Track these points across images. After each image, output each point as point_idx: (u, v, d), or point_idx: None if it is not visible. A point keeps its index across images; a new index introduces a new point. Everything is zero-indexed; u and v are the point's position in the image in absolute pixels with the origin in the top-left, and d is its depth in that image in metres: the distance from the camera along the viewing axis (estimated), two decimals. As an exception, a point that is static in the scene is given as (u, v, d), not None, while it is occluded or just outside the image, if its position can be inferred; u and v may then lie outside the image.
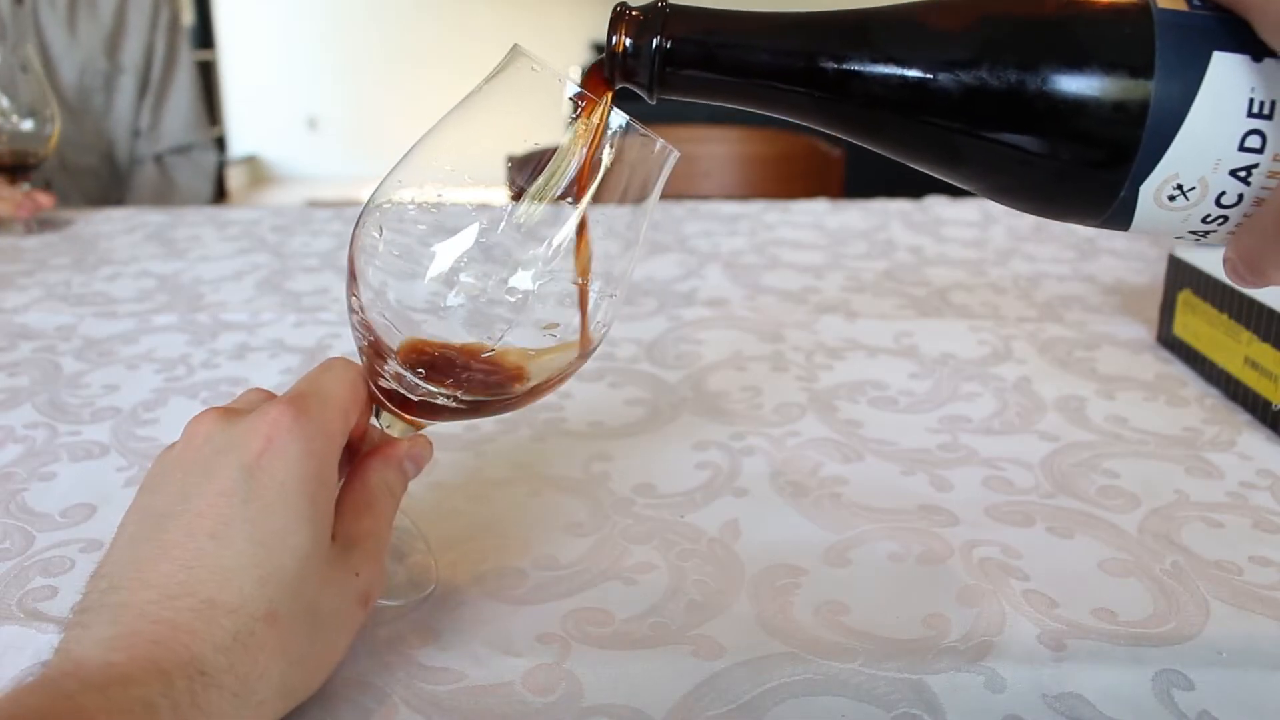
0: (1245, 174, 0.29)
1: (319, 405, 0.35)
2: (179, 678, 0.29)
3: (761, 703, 0.34)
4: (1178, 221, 0.31)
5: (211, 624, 0.30)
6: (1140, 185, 0.30)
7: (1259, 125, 0.29)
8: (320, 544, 0.33)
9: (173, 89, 1.46)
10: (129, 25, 1.39)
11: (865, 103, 0.31)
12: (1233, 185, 0.30)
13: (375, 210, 0.36)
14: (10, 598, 0.40)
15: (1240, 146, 0.29)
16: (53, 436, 0.55)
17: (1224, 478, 0.51)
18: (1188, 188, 0.30)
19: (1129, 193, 0.30)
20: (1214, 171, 0.30)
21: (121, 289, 0.83)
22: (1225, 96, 0.29)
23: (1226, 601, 0.40)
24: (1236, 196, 0.30)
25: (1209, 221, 0.31)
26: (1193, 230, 0.32)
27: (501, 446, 0.54)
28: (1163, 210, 0.31)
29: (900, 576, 0.42)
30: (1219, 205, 0.30)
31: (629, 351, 0.68)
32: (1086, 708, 0.34)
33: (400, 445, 0.39)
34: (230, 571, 0.31)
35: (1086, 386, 0.62)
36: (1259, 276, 0.31)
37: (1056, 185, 0.32)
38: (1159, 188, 0.30)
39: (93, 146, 1.39)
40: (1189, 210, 0.31)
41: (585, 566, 0.43)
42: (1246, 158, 0.29)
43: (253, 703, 0.30)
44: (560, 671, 0.36)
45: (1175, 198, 0.30)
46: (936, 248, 0.96)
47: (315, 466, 0.33)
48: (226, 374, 0.64)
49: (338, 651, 0.34)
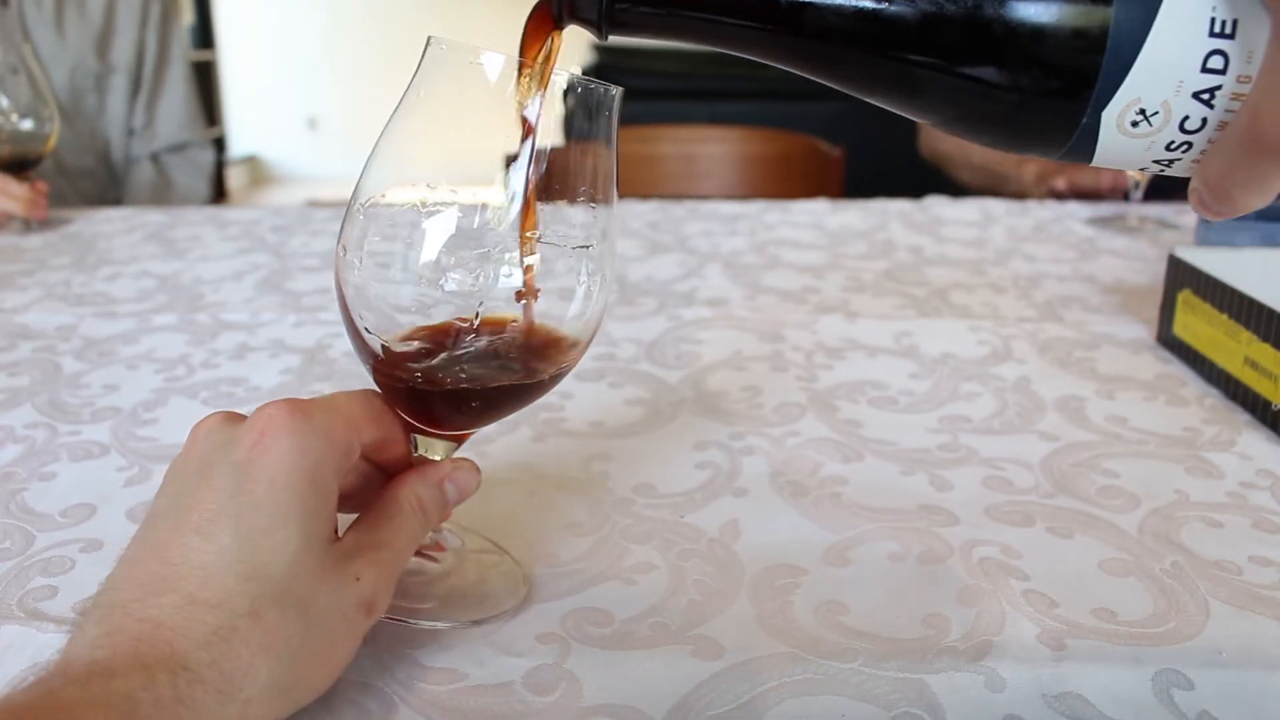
0: (1209, 96, 0.29)
1: (321, 410, 0.35)
2: (161, 672, 0.29)
3: (761, 703, 0.34)
4: (1141, 150, 0.30)
5: (193, 620, 0.30)
6: (1102, 111, 0.29)
7: (1221, 45, 0.28)
8: (312, 543, 0.33)
9: (166, 87, 1.45)
10: (119, 23, 1.38)
11: (820, 35, 0.31)
12: (1196, 109, 0.29)
13: (347, 225, 0.36)
14: (10, 598, 0.40)
15: (1203, 68, 0.28)
16: (53, 436, 0.55)
17: (1224, 478, 0.51)
18: (1150, 112, 0.29)
19: (1091, 120, 0.30)
20: (1176, 95, 0.29)
21: (121, 289, 0.83)
22: (1186, 15, 0.28)
23: (1226, 601, 0.40)
24: (1200, 121, 0.29)
25: (1173, 149, 0.30)
26: (1157, 159, 0.31)
27: (501, 446, 0.54)
28: (1126, 138, 0.30)
29: (900, 576, 0.42)
30: (1183, 131, 0.30)
31: (629, 351, 0.68)
32: (1086, 708, 0.34)
33: (442, 465, 0.38)
34: (213, 568, 0.31)
35: (1086, 386, 0.62)
36: (1225, 202, 0.30)
37: (1016, 115, 0.31)
38: (1121, 113, 0.29)
39: (88, 147, 1.39)
40: (1153, 137, 0.30)
41: (585, 566, 0.43)
42: (1209, 79, 0.29)
43: (239, 700, 0.30)
44: (560, 671, 0.36)
45: (1139, 123, 0.30)
46: (936, 248, 0.96)
47: (307, 465, 0.33)
48: (226, 374, 0.64)
49: (335, 655, 0.34)
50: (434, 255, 0.35)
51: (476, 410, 0.38)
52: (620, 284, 0.84)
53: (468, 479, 0.39)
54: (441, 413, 0.38)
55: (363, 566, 0.34)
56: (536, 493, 0.49)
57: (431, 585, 0.40)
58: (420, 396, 0.37)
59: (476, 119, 0.35)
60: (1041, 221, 1.07)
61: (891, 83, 0.32)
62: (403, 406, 0.38)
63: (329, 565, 0.33)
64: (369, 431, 0.37)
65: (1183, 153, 0.30)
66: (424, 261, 0.35)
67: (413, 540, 0.37)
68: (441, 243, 0.35)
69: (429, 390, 0.37)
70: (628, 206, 1.13)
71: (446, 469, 0.38)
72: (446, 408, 0.38)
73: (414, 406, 0.38)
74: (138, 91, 1.42)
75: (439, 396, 0.37)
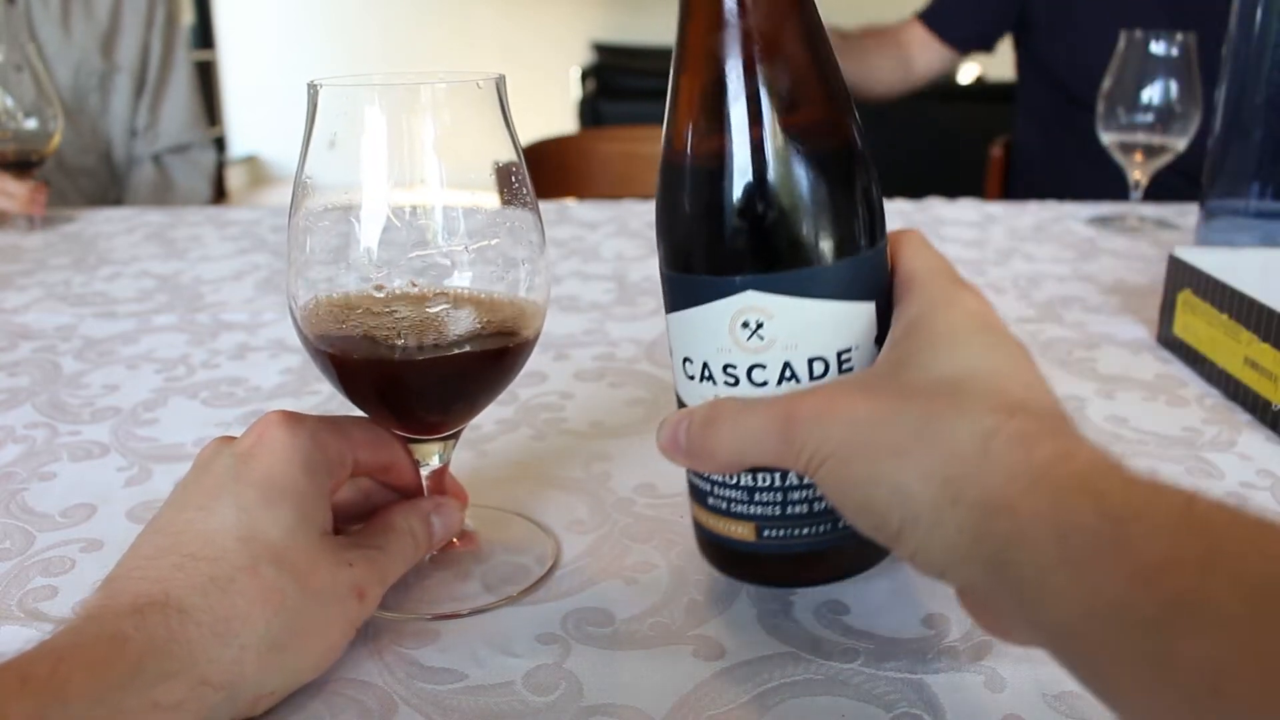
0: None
1: (315, 420, 0.37)
2: (153, 612, 0.30)
3: (762, 703, 0.34)
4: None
5: (190, 572, 0.31)
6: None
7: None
8: (307, 523, 0.35)
9: (169, 88, 1.45)
10: (124, 24, 1.38)
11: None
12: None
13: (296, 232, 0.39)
14: (10, 598, 0.40)
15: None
16: (53, 436, 0.55)
17: (1224, 478, 0.51)
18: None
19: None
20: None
21: (121, 289, 0.83)
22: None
23: (1226, 601, 0.40)
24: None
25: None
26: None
27: (501, 446, 0.54)
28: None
29: (900, 576, 0.42)
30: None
31: (629, 351, 0.68)
32: (1087, 707, 0.34)
33: (431, 499, 0.41)
34: (213, 533, 0.33)
35: (1086, 387, 0.62)
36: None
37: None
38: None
39: (90, 146, 1.39)
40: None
41: (586, 566, 0.43)
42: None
43: (235, 644, 0.31)
44: (560, 671, 0.36)
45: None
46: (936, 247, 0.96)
47: (302, 458, 0.35)
48: (226, 374, 0.64)
49: (331, 633, 0.34)
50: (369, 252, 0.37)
51: (456, 375, 0.39)
52: (620, 284, 0.84)
53: (451, 512, 0.41)
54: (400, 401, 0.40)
55: (356, 557, 0.36)
56: (536, 492, 0.49)
57: (468, 572, 0.42)
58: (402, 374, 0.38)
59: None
60: (1041, 221, 1.07)
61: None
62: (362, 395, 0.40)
63: (324, 548, 0.35)
64: (366, 451, 0.39)
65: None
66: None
67: (403, 555, 0.38)
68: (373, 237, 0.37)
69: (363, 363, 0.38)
70: (628, 206, 1.13)
71: (434, 504, 0.41)
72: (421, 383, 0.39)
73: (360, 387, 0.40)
74: (141, 92, 1.42)
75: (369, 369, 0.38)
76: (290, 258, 0.39)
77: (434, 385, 0.39)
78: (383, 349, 0.37)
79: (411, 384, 0.39)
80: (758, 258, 0.34)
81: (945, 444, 0.28)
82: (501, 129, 0.39)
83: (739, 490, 0.37)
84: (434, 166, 0.37)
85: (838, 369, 0.34)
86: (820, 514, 0.37)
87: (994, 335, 0.32)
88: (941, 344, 0.32)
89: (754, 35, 0.33)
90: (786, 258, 0.34)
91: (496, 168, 0.39)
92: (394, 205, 0.37)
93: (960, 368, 0.31)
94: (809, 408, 0.31)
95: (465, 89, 0.37)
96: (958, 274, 0.35)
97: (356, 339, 0.38)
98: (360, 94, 0.37)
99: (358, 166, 0.37)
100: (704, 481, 0.38)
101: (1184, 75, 1.05)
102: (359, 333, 0.38)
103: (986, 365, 0.31)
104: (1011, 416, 0.28)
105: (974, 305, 0.33)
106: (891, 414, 0.30)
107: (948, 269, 0.35)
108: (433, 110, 0.37)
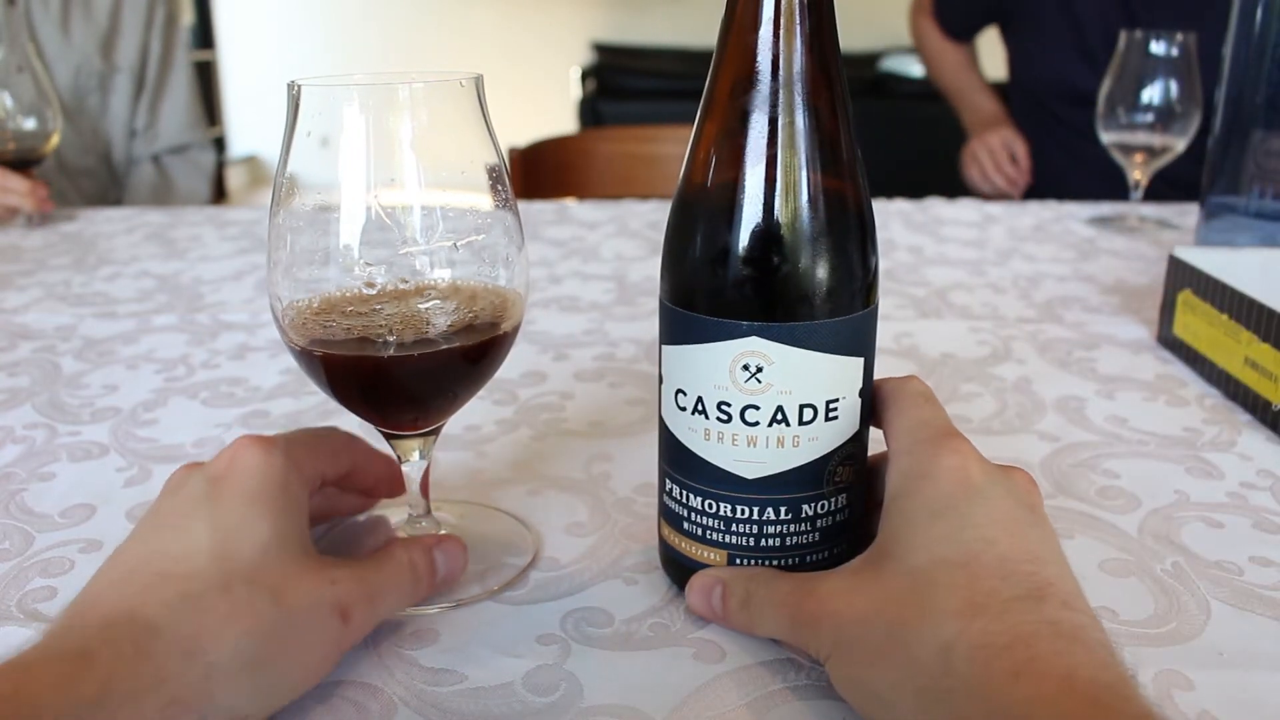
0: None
1: (285, 438, 0.37)
2: (122, 626, 0.30)
3: (762, 705, 0.34)
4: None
5: (161, 590, 0.31)
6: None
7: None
8: (284, 540, 0.34)
9: (169, 89, 1.45)
10: (124, 25, 1.38)
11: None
12: None
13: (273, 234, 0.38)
14: (10, 598, 0.40)
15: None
16: (52, 436, 0.55)
17: (1224, 478, 0.51)
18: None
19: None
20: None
21: (121, 289, 0.83)
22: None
23: (1227, 602, 0.40)
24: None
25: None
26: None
27: (501, 446, 0.54)
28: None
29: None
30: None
31: (629, 352, 0.68)
32: (1087, 708, 0.34)
33: (432, 535, 0.40)
34: (186, 552, 0.32)
35: (1086, 387, 0.62)
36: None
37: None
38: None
39: (89, 147, 1.39)
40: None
41: (586, 566, 0.43)
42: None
43: (203, 662, 0.30)
44: (560, 671, 0.36)
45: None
46: (936, 248, 0.96)
47: (276, 476, 0.35)
48: (226, 374, 0.64)
49: (310, 656, 0.33)
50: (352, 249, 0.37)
51: (439, 369, 0.39)
52: (620, 284, 0.84)
53: (454, 550, 0.40)
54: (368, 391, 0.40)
55: (341, 576, 0.35)
56: (537, 493, 0.49)
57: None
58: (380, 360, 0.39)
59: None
60: (1041, 221, 1.07)
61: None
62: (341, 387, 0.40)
63: (305, 565, 0.34)
64: (331, 462, 0.39)
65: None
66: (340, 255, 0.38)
67: (399, 588, 0.37)
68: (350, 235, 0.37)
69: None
70: (628, 206, 1.13)
71: (435, 540, 0.40)
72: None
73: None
74: (141, 93, 1.42)
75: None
76: (271, 258, 0.39)
77: (415, 381, 0.39)
78: (367, 346, 0.37)
79: (394, 380, 0.39)
80: (765, 307, 0.35)
81: (911, 654, 0.30)
82: (481, 128, 0.39)
83: (716, 519, 0.38)
84: (413, 165, 0.37)
85: (824, 416, 0.36)
86: (792, 547, 0.38)
87: (970, 501, 0.33)
88: (919, 527, 0.33)
89: (784, 99, 0.34)
90: (792, 310, 0.35)
91: (487, 168, 0.39)
92: (373, 204, 0.37)
93: (933, 558, 0.32)
94: (808, 611, 0.34)
95: (445, 88, 0.37)
96: (944, 427, 0.36)
97: (340, 337, 0.38)
98: (340, 93, 0.36)
99: (335, 166, 0.37)
100: (680, 506, 0.39)
101: (1184, 75, 1.05)
102: (342, 329, 0.38)
103: (956, 553, 0.32)
104: (973, 619, 0.30)
105: (953, 467, 0.34)
106: (871, 616, 0.32)
107: (931, 424, 0.36)
108: (411, 109, 0.37)
